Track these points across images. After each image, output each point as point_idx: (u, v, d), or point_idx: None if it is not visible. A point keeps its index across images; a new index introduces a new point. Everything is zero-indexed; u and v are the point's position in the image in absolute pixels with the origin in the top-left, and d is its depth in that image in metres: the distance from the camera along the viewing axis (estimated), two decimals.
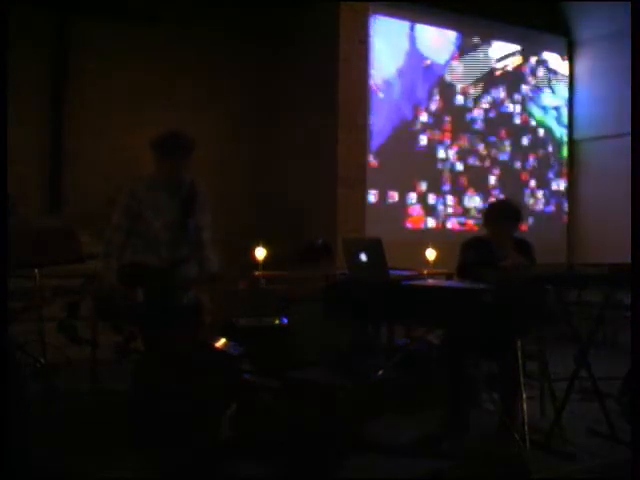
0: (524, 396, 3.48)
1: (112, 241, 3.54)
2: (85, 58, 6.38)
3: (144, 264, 3.54)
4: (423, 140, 7.23)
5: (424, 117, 7.23)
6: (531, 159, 7.98)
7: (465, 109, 7.51)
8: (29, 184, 5.97)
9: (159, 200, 3.54)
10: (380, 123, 6.92)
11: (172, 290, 3.51)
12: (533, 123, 8.01)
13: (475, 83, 7.57)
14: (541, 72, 8.08)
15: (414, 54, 7.18)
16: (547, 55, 8.11)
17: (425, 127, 7.23)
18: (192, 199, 3.59)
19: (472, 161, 7.56)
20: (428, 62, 7.26)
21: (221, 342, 3.18)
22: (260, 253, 5.11)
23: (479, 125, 7.60)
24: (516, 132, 7.87)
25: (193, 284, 3.68)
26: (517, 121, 7.89)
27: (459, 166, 7.47)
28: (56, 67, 6.28)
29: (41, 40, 6.19)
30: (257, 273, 5.10)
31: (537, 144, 8.02)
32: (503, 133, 7.77)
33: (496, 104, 7.73)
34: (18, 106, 5.02)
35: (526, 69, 7.96)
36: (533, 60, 8.00)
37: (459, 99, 7.47)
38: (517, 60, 7.89)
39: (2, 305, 2.55)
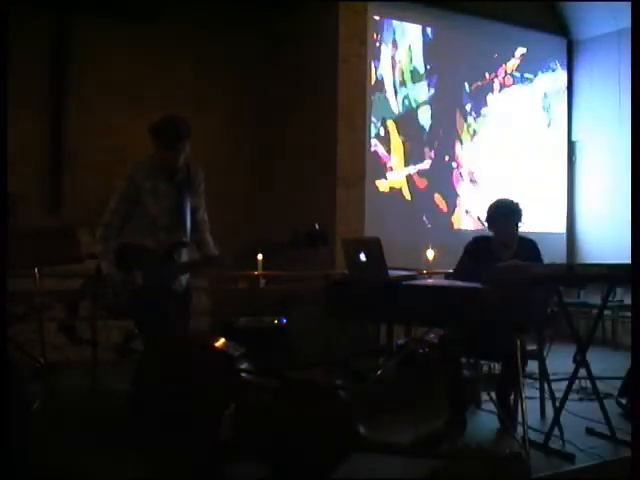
0: (524, 396, 3.48)
1: (110, 225, 3.53)
2: (85, 58, 6.38)
3: (142, 245, 3.53)
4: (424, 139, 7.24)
5: (425, 117, 7.24)
6: (530, 159, 7.98)
7: (464, 109, 7.52)
8: (29, 184, 5.97)
9: (157, 185, 3.54)
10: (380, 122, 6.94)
11: (171, 273, 3.51)
12: (533, 123, 8.02)
13: (474, 83, 7.57)
14: (541, 72, 8.08)
15: (413, 54, 7.19)
16: (547, 55, 8.10)
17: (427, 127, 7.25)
18: (188, 182, 3.60)
19: (472, 160, 7.57)
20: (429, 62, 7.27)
21: (221, 342, 3.17)
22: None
23: (479, 124, 7.61)
24: (516, 131, 7.87)
25: (192, 267, 3.67)
26: (517, 121, 7.89)
27: (458, 165, 7.48)
28: (56, 67, 6.29)
29: (41, 40, 6.20)
30: (257, 273, 5.10)
31: (536, 144, 8.03)
32: (503, 132, 7.78)
33: (495, 104, 7.73)
34: (18, 106, 5.02)
35: (526, 69, 7.96)
36: (533, 60, 8.00)
37: (457, 99, 7.48)
38: (517, 60, 7.89)
39: (2, 305, 2.55)
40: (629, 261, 3.31)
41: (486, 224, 4.04)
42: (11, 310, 3.48)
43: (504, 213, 3.96)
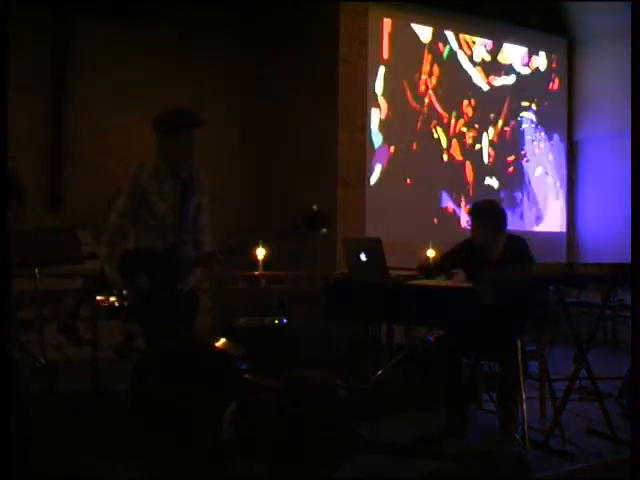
0: (524, 396, 3.48)
1: (117, 228, 3.48)
2: (85, 58, 6.38)
3: (147, 250, 3.50)
4: (427, 140, 7.24)
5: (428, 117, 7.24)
6: (530, 158, 7.98)
7: (465, 109, 7.52)
8: (29, 184, 5.96)
9: (163, 186, 3.49)
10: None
11: (175, 274, 3.48)
12: (533, 123, 8.02)
13: (473, 81, 7.57)
14: (541, 72, 8.07)
15: (415, 54, 7.19)
16: (547, 55, 8.10)
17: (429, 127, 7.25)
18: (192, 182, 3.56)
19: (472, 160, 7.57)
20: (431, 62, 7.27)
21: (221, 342, 3.18)
22: (260, 253, 5.11)
23: (480, 124, 7.61)
24: (516, 131, 7.87)
25: (193, 266, 3.64)
26: (517, 121, 7.89)
27: (460, 164, 7.48)
28: (56, 67, 6.29)
29: (41, 40, 6.20)
30: (257, 273, 5.10)
31: (537, 144, 8.02)
32: (504, 131, 7.78)
33: (496, 104, 7.73)
34: (18, 106, 5.01)
35: (526, 69, 7.96)
36: (533, 60, 7.99)
37: (458, 99, 7.48)
38: (517, 60, 7.88)
39: (2, 305, 2.54)
40: (629, 261, 3.31)
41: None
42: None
43: (475, 215, 3.83)
